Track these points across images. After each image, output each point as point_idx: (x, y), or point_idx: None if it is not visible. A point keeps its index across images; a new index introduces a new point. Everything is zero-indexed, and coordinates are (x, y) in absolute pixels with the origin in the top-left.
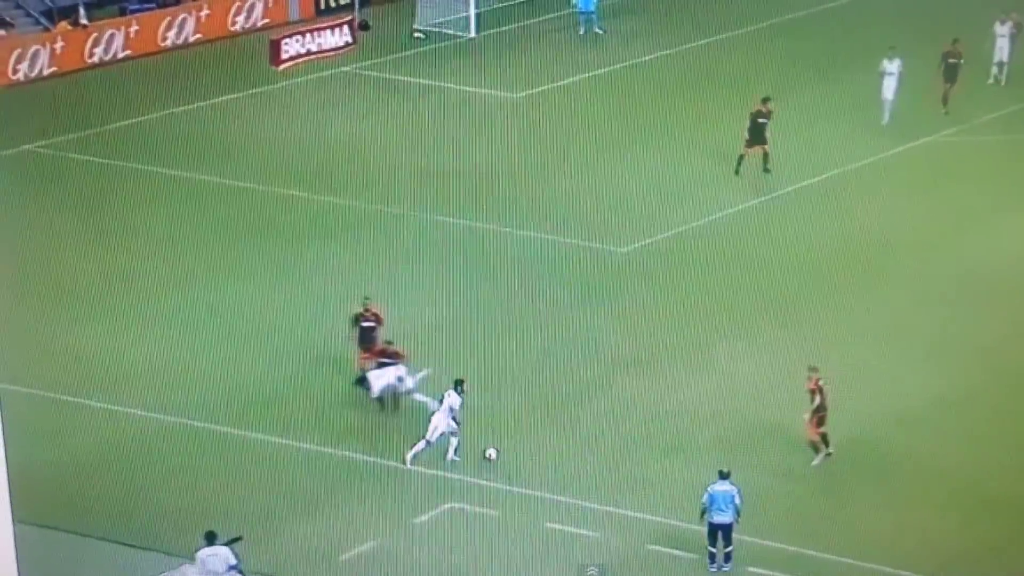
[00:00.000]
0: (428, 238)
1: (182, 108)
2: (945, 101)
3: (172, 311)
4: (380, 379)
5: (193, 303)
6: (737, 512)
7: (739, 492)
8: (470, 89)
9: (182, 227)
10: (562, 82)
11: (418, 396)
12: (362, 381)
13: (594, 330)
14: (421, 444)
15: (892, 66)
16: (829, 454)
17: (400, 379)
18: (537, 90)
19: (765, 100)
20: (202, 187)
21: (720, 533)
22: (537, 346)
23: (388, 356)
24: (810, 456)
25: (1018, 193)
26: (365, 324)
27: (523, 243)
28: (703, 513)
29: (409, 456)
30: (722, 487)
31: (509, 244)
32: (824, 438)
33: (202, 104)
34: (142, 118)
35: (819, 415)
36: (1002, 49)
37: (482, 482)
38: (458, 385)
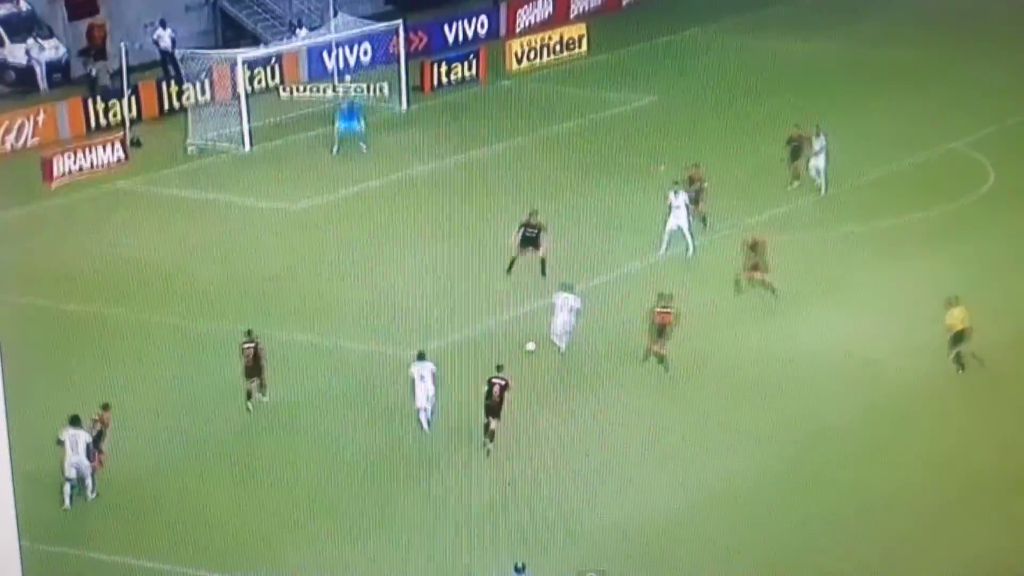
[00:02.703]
0: (205, 347)
1: None
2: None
3: None
4: None
5: None
6: None
7: None
8: (246, 201)
9: None
10: (341, 192)
11: None
12: None
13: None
14: None
15: (678, 200)
16: None
17: None
18: (315, 201)
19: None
20: None
21: None
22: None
23: None
24: None
25: (819, 288)
26: None
27: (303, 348)
28: None
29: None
30: None
31: (290, 350)
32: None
33: None
34: None
35: None
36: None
37: None
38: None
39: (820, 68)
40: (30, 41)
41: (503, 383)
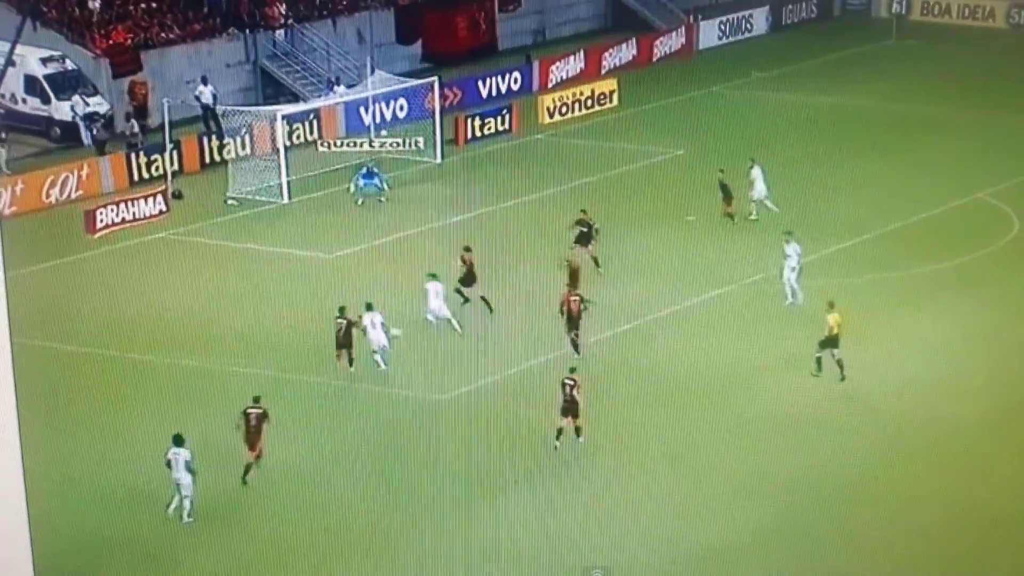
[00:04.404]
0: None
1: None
2: (595, 262)
3: None
4: None
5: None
6: None
7: None
8: (284, 251)
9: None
10: (376, 242)
11: None
12: None
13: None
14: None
15: (790, 249)
16: None
17: None
18: (350, 251)
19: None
20: (20, 352)
21: None
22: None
23: None
24: None
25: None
26: None
27: (349, 394)
28: None
29: None
30: None
31: (339, 396)
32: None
33: (19, 272)
34: None
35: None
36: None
37: None
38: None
39: (845, 121)
40: (75, 98)
41: (573, 383)
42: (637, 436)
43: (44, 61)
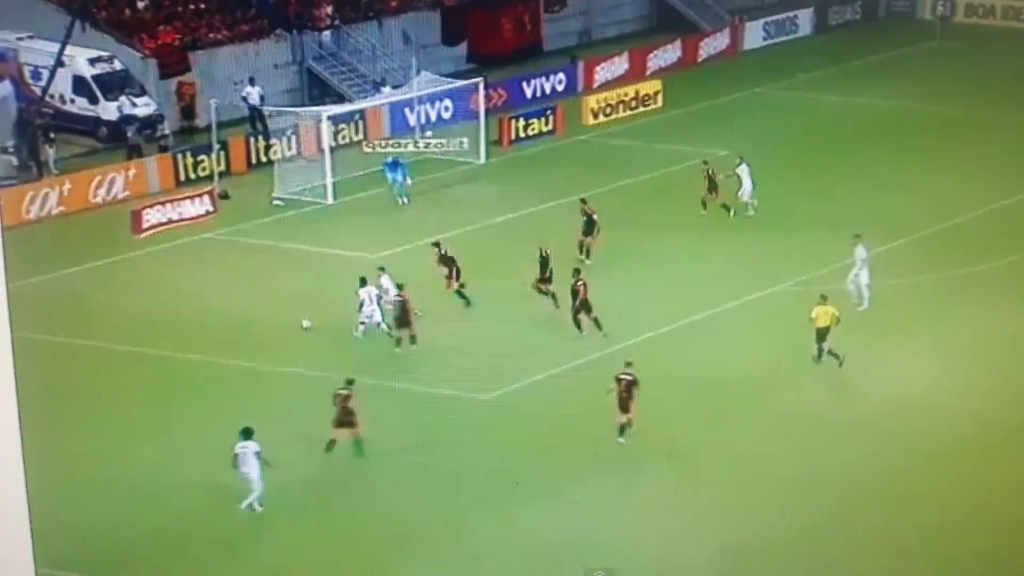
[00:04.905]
0: (295, 391)
1: (45, 276)
2: (587, 252)
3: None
4: None
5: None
6: None
7: None
8: (329, 251)
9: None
10: (419, 242)
11: None
12: None
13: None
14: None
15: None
16: None
17: None
18: (394, 251)
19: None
20: (67, 351)
21: None
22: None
23: None
24: None
25: (887, 335)
26: None
27: (383, 393)
28: None
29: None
30: None
31: (378, 395)
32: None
33: (65, 272)
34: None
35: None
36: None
37: None
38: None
39: (889, 123)
40: (122, 99)
41: (630, 378)
42: (684, 436)
43: (92, 61)
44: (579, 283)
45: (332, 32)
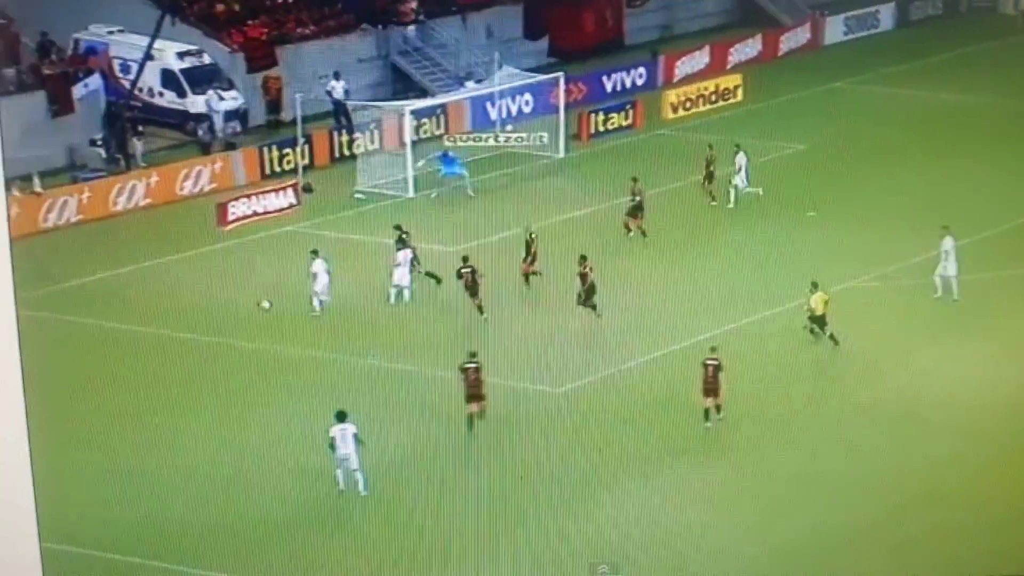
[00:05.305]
0: (380, 383)
1: (133, 267)
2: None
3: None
4: None
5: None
6: None
7: None
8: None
9: (144, 380)
10: (494, 237)
11: None
12: None
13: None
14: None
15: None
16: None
17: None
18: (472, 243)
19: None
20: (150, 341)
21: None
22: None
23: None
24: None
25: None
26: None
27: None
28: None
29: None
30: None
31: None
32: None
33: (151, 263)
34: (95, 277)
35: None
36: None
37: None
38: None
39: (969, 117)
40: (210, 92)
41: (716, 363)
42: (757, 431)
43: (181, 55)
44: (587, 268)
45: (417, 27)
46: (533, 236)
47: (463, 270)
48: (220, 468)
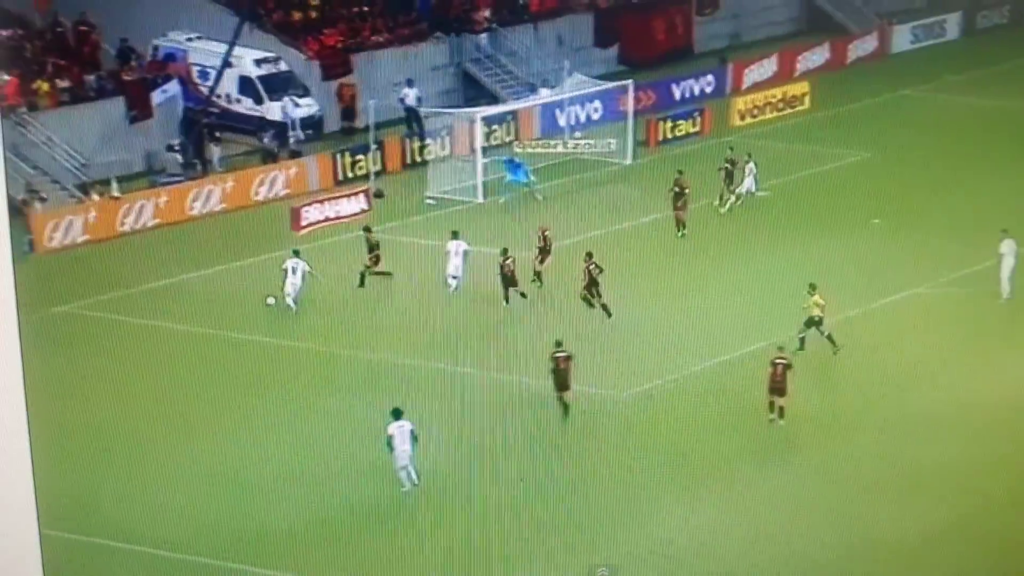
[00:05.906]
0: (444, 386)
1: (207, 271)
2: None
3: (202, 463)
4: None
5: (223, 454)
6: None
7: None
8: (478, 248)
9: (212, 381)
10: (565, 241)
11: None
12: None
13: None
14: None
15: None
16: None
17: None
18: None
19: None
20: (227, 343)
21: None
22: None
23: None
24: None
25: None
26: None
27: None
28: None
29: None
30: None
31: (512, 389)
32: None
33: (225, 267)
34: (171, 280)
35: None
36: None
37: None
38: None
39: None
40: (286, 99)
41: (785, 362)
42: (825, 433)
43: (258, 62)
44: (591, 266)
45: (489, 35)
46: (547, 236)
47: (505, 262)
48: (289, 466)
